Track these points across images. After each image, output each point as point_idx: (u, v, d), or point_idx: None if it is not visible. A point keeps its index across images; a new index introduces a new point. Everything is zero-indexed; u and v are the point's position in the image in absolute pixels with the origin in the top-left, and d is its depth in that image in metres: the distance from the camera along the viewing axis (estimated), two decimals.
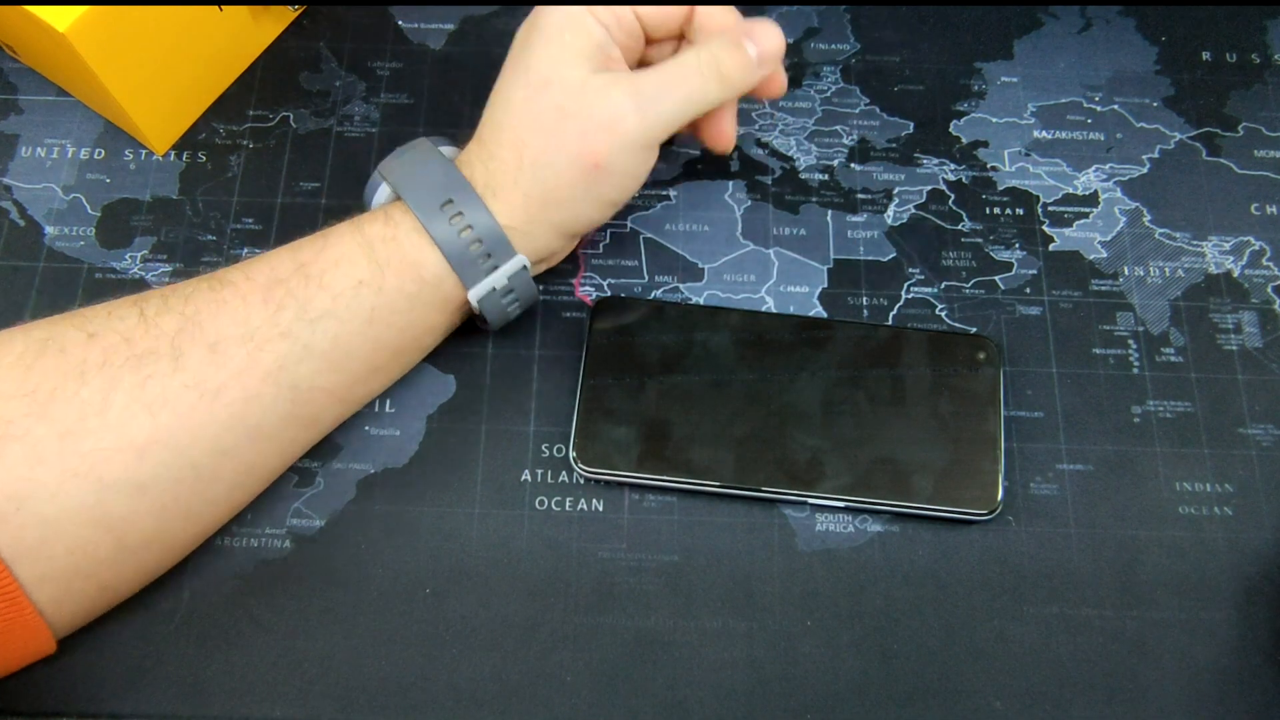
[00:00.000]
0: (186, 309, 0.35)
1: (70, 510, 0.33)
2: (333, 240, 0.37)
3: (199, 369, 0.34)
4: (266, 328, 0.35)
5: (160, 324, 0.35)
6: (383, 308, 0.37)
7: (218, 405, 0.35)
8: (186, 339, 0.34)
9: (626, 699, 0.38)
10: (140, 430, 0.33)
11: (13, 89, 0.48)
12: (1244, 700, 0.39)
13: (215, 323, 0.35)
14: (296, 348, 0.35)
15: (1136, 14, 0.51)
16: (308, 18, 0.50)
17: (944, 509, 0.40)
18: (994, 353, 0.42)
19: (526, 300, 0.40)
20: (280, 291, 0.36)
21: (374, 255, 0.37)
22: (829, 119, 0.48)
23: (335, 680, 0.39)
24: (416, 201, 0.37)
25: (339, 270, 0.36)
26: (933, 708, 0.38)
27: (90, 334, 0.34)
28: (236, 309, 0.35)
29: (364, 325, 0.37)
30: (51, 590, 0.34)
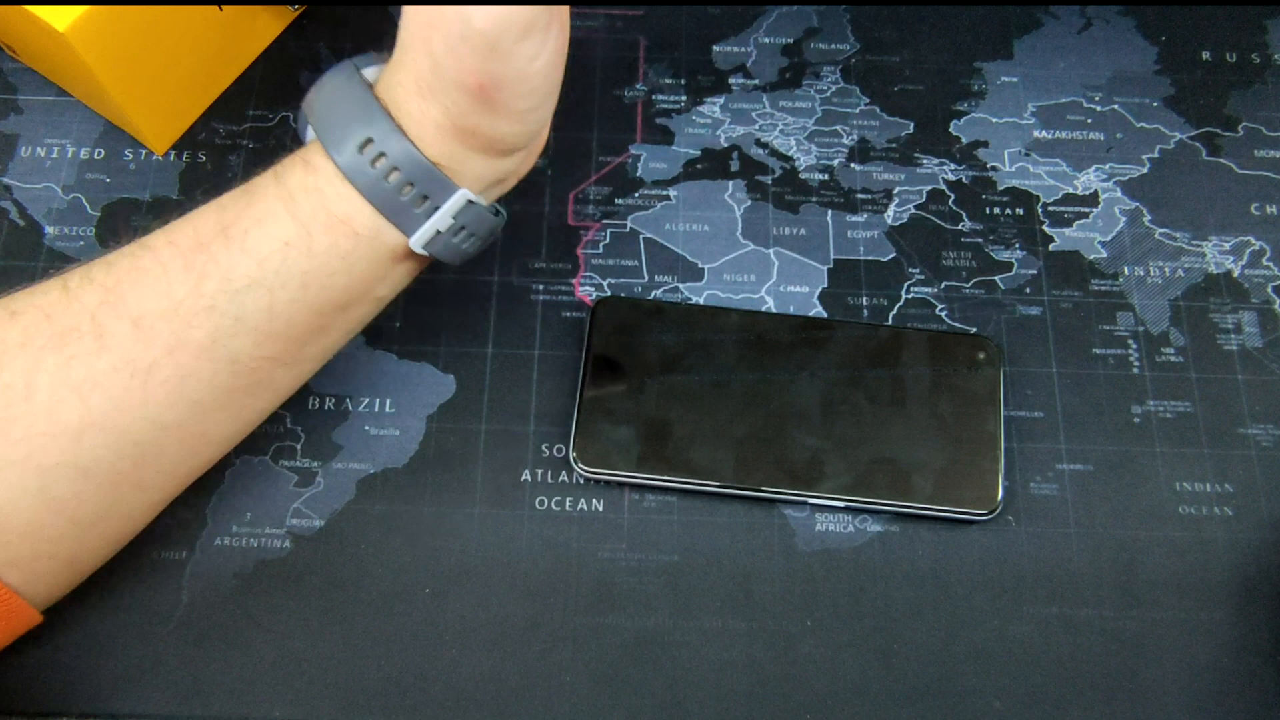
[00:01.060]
0: (108, 279, 0.32)
1: (13, 498, 0.32)
2: (256, 194, 0.33)
3: (125, 347, 0.32)
4: (191, 299, 0.32)
5: (81, 297, 0.32)
6: (316, 271, 0.33)
7: (152, 383, 0.32)
8: (108, 313, 0.32)
9: (626, 699, 0.38)
10: (71, 414, 0.32)
11: (13, 89, 0.48)
12: (1244, 700, 0.39)
13: (137, 295, 0.32)
14: (226, 321, 0.32)
15: (1136, 14, 0.51)
16: (308, 18, 0.50)
17: (944, 509, 0.40)
18: (994, 353, 0.42)
19: (486, 234, 0.36)
20: (202, 258, 0.32)
21: (297, 210, 0.33)
22: (829, 119, 0.48)
23: (335, 680, 0.38)
24: (332, 142, 0.32)
25: (262, 230, 0.32)
26: (933, 708, 0.38)
27: (12, 312, 0.32)
28: (158, 279, 0.32)
29: (298, 291, 0.33)
30: (18, 572, 0.33)
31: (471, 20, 0.30)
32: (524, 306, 0.44)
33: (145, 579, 0.39)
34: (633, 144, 0.48)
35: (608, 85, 0.49)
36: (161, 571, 0.40)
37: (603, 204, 0.46)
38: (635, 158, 0.47)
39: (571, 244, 0.46)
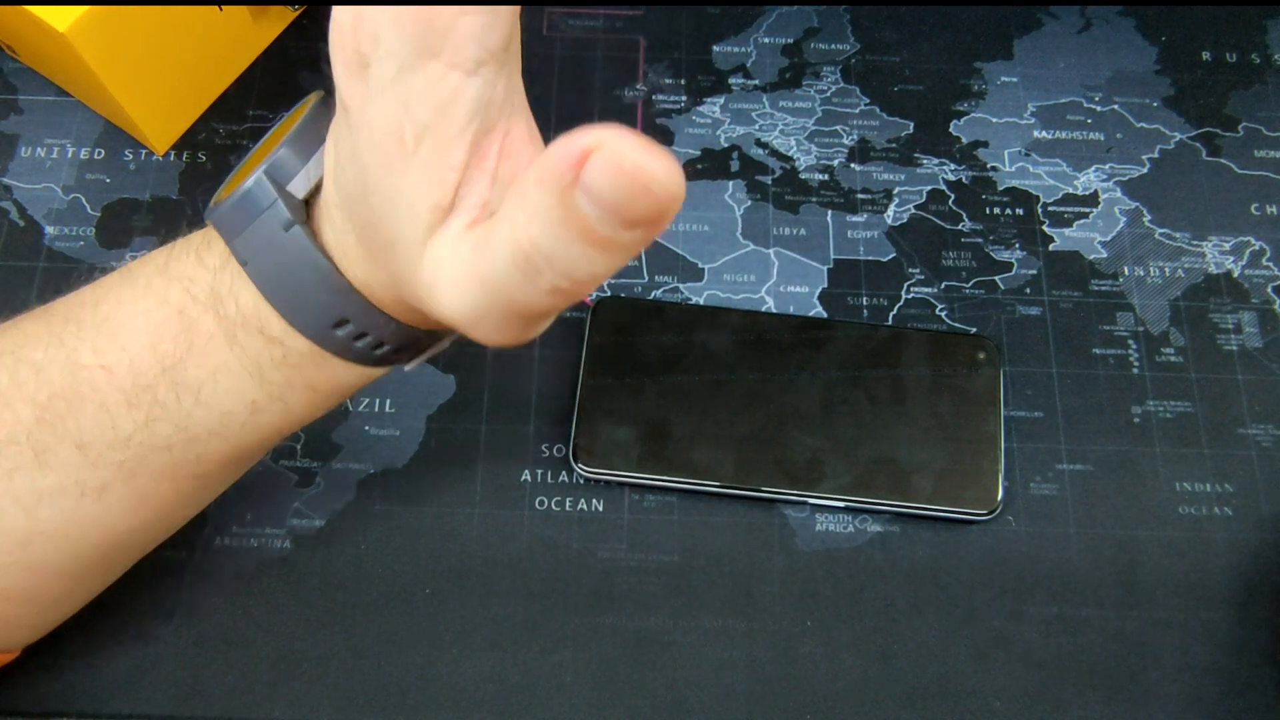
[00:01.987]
0: (39, 394, 0.28)
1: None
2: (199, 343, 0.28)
3: (71, 469, 0.29)
4: (141, 436, 0.29)
5: (15, 408, 0.28)
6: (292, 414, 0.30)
7: (107, 500, 0.29)
8: (47, 434, 0.28)
9: (626, 699, 0.38)
10: (17, 525, 0.29)
11: (13, 89, 0.48)
12: (1244, 700, 0.39)
13: (76, 420, 0.28)
14: (188, 457, 0.29)
15: (1136, 14, 0.51)
16: (308, 18, 0.50)
17: (944, 509, 0.40)
18: (994, 353, 0.42)
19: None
20: (147, 399, 0.28)
21: (266, 379, 0.29)
22: (829, 119, 0.48)
23: (335, 680, 0.38)
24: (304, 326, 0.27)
25: (219, 385, 0.28)
26: (933, 708, 0.38)
27: None
28: (98, 410, 0.28)
29: (270, 434, 0.30)
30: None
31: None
32: None
33: (145, 579, 0.39)
34: None
35: (608, 85, 0.49)
36: (161, 571, 0.40)
37: None
38: None
39: None
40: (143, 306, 0.29)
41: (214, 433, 0.29)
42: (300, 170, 0.27)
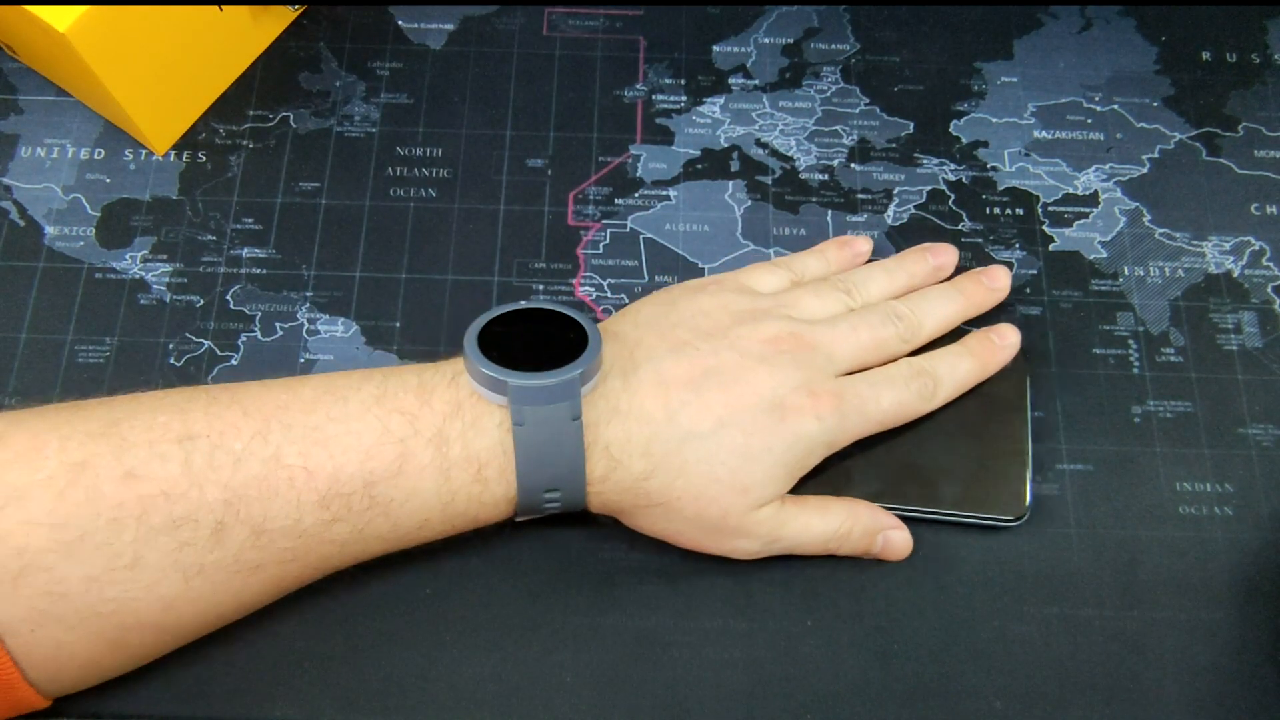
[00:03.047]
0: (233, 479, 0.32)
1: (86, 639, 0.32)
2: (411, 470, 0.34)
3: (239, 550, 0.33)
4: (317, 530, 0.34)
5: (204, 488, 0.32)
6: (435, 536, 0.36)
7: (255, 579, 0.34)
8: (230, 515, 0.32)
9: (626, 699, 0.38)
10: (170, 590, 0.32)
11: (13, 89, 0.48)
12: (1244, 700, 0.39)
13: (263, 508, 0.33)
14: (346, 553, 0.35)
15: (1136, 14, 0.51)
16: (308, 18, 0.50)
17: (972, 515, 0.40)
18: (1021, 359, 0.42)
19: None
20: (339, 504, 0.33)
21: (451, 508, 0.35)
22: (829, 119, 0.48)
23: (335, 680, 0.38)
24: (528, 490, 0.35)
25: (408, 506, 0.34)
26: (933, 708, 0.38)
27: (128, 472, 0.32)
28: (288, 503, 0.33)
29: (411, 543, 0.36)
30: (57, 685, 0.34)
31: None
32: None
33: None
34: (633, 144, 0.48)
35: (608, 85, 0.49)
36: None
37: (603, 204, 0.46)
38: (635, 158, 0.47)
39: (571, 244, 0.46)
40: (357, 427, 0.34)
41: (380, 538, 0.35)
42: (589, 383, 0.35)
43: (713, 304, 0.39)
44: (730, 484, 0.36)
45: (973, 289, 0.43)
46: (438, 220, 0.46)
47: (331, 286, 0.45)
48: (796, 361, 0.38)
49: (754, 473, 0.36)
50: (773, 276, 0.42)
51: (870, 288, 0.42)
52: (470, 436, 0.34)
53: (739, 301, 0.39)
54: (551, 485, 0.35)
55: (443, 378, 0.35)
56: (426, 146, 0.47)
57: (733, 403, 0.36)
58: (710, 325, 0.38)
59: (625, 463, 0.35)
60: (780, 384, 0.37)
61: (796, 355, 0.38)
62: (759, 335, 0.38)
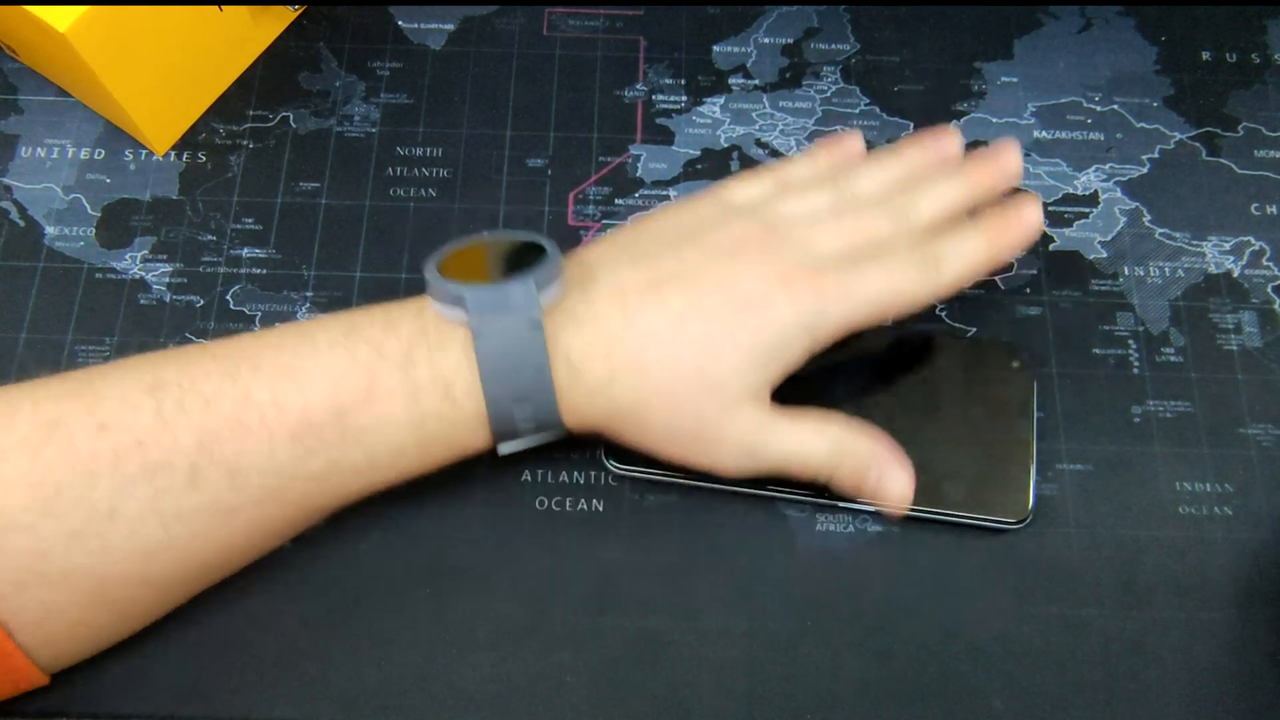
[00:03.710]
0: (206, 421, 0.32)
1: (72, 595, 0.32)
2: (380, 395, 0.33)
3: (216, 491, 0.33)
4: (293, 467, 0.33)
5: (176, 432, 0.32)
6: (415, 468, 0.36)
7: (234, 522, 0.33)
8: (205, 459, 0.32)
9: (626, 699, 0.38)
10: (150, 538, 0.32)
11: (13, 89, 0.48)
12: (1244, 700, 0.39)
13: (236, 447, 0.32)
14: (324, 489, 0.35)
15: (1136, 14, 0.51)
16: (308, 18, 0.50)
17: (975, 517, 0.40)
18: (1028, 361, 0.42)
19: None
20: (311, 438, 0.33)
21: (422, 431, 0.34)
22: (829, 119, 0.48)
23: (335, 680, 0.38)
24: (496, 400, 0.34)
25: (380, 432, 0.34)
26: (933, 708, 0.38)
27: (101, 424, 0.32)
28: (261, 441, 0.33)
29: (393, 477, 0.36)
30: (51, 651, 0.34)
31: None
32: None
33: None
34: (633, 144, 0.48)
35: (608, 85, 0.49)
36: None
37: (603, 204, 0.46)
38: (635, 158, 0.47)
39: (572, 244, 0.46)
40: (325, 361, 0.33)
41: (357, 470, 0.34)
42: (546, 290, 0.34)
43: (682, 216, 0.37)
44: (697, 382, 0.34)
45: (978, 170, 0.38)
46: (438, 220, 0.46)
47: (332, 286, 0.45)
48: (766, 251, 0.35)
49: (720, 367, 0.34)
50: (755, 185, 0.39)
51: (862, 181, 0.38)
52: (436, 357, 0.34)
53: (711, 210, 0.37)
54: (519, 395, 0.34)
55: (408, 310, 0.35)
56: (426, 146, 0.47)
57: (693, 298, 0.34)
58: (676, 235, 0.36)
59: (587, 369, 0.34)
60: (746, 273, 0.35)
61: (767, 246, 0.35)
62: (726, 234, 0.36)
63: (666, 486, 0.41)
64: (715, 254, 0.35)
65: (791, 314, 0.34)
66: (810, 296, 0.35)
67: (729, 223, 0.36)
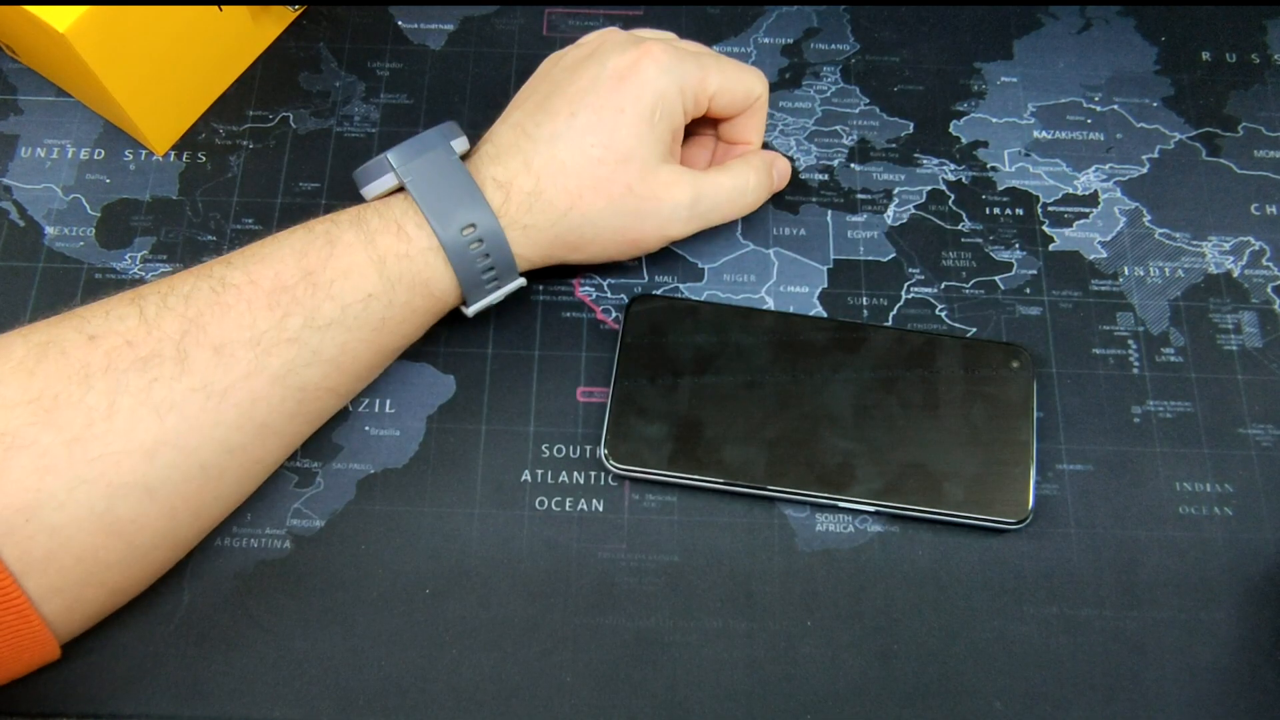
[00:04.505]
0: (188, 310, 0.35)
1: (79, 518, 0.33)
2: (340, 249, 0.36)
3: (205, 372, 0.34)
4: (273, 332, 0.35)
5: (162, 325, 0.34)
6: (391, 319, 0.37)
7: (225, 406, 0.34)
8: (191, 341, 0.34)
9: (626, 699, 0.38)
10: (148, 433, 0.33)
11: (13, 89, 0.48)
12: (1244, 700, 0.39)
13: (219, 326, 0.34)
14: (305, 353, 0.36)
15: (1136, 14, 0.51)
16: (308, 18, 0.50)
17: (975, 517, 0.40)
18: (1028, 361, 0.42)
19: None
20: (286, 298, 0.35)
21: (385, 271, 0.36)
22: (829, 119, 0.48)
23: (335, 681, 0.39)
24: (440, 222, 0.37)
25: (348, 281, 0.36)
26: (933, 708, 0.38)
27: (90, 336, 0.34)
28: (241, 313, 0.35)
29: (372, 334, 0.37)
30: (61, 600, 0.34)
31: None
32: (524, 307, 0.44)
33: None
34: None
35: None
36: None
37: None
38: None
39: None
40: (289, 240, 0.37)
41: (332, 322, 0.36)
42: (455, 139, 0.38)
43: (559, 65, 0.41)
44: (611, 158, 0.38)
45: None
46: None
47: None
48: (627, 43, 0.40)
49: (623, 139, 0.38)
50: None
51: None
52: (383, 210, 0.37)
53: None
54: (465, 221, 0.37)
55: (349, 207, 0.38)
56: None
57: (573, 95, 0.39)
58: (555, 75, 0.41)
59: (515, 184, 0.38)
60: (610, 56, 0.39)
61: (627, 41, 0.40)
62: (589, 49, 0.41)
63: (666, 486, 0.41)
64: (578, 60, 0.40)
65: (657, 70, 0.39)
66: (667, 55, 0.39)
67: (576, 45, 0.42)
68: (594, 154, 0.38)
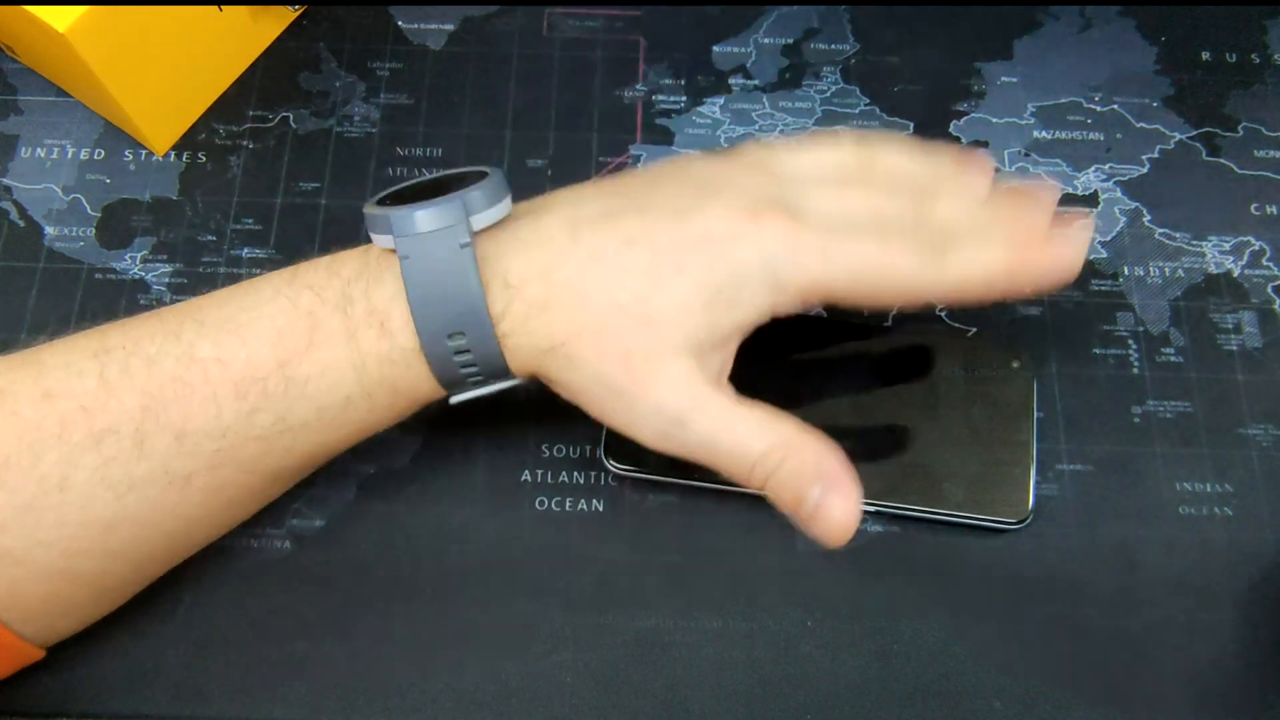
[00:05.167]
0: (149, 384, 0.31)
1: (39, 571, 0.32)
2: (320, 340, 0.32)
3: (165, 458, 0.31)
4: (241, 427, 0.32)
5: (121, 396, 0.31)
6: (370, 422, 0.34)
7: (190, 490, 0.32)
8: (150, 422, 0.31)
9: (626, 699, 0.38)
10: (105, 510, 0.31)
11: (13, 89, 0.48)
12: (1244, 700, 0.39)
13: (181, 409, 0.31)
14: (277, 449, 0.33)
15: (1136, 14, 0.51)
16: (308, 18, 0.50)
17: (974, 517, 0.40)
18: (1028, 361, 0.42)
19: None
20: (256, 391, 0.32)
21: (365, 374, 0.32)
22: (829, 119, 0.48)
23: (335, 680, 0.38)
24: (427, 330, 0.31)
25: (325, 381, 0.32)
26: (933, 708, 0.38)
27: (45, 392, 0.31)
28: (206, 401, 0.31)
29: (347, 435, 0.35)
30: (33, 627, 0.33)
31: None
32: None
33: None
34: (633, 144, 0.48)
35: (608, 85, 0.49)
36: None
37: None
38: (635, 158, 0.47)
39: None
40: (269, 311, 0.32)
41: (307, 424, 0.33)
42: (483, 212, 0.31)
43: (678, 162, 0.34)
44: (634, 313, 0.31)
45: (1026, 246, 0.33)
46: None
47: None
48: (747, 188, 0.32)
49: (661, 299, 0.30)
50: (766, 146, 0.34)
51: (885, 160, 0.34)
52: (373, 290, 0.32)
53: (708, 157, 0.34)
54: (453, 328, 0.31)
55: (354, 251, 0.34)
56: (426, 147, 0.47)
57: (648, 224, 0.31)
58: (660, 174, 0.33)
59: (522, 290, 0.31)
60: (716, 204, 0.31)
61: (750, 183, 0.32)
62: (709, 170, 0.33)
63: (666, 486, 0.41)
64: (690, 186, 0.32)
65: (755, 252, 0.31)
66: (782, 239, 0.31)
67: (716, 162, 0.33)
68: (620, 299, 0.31)
